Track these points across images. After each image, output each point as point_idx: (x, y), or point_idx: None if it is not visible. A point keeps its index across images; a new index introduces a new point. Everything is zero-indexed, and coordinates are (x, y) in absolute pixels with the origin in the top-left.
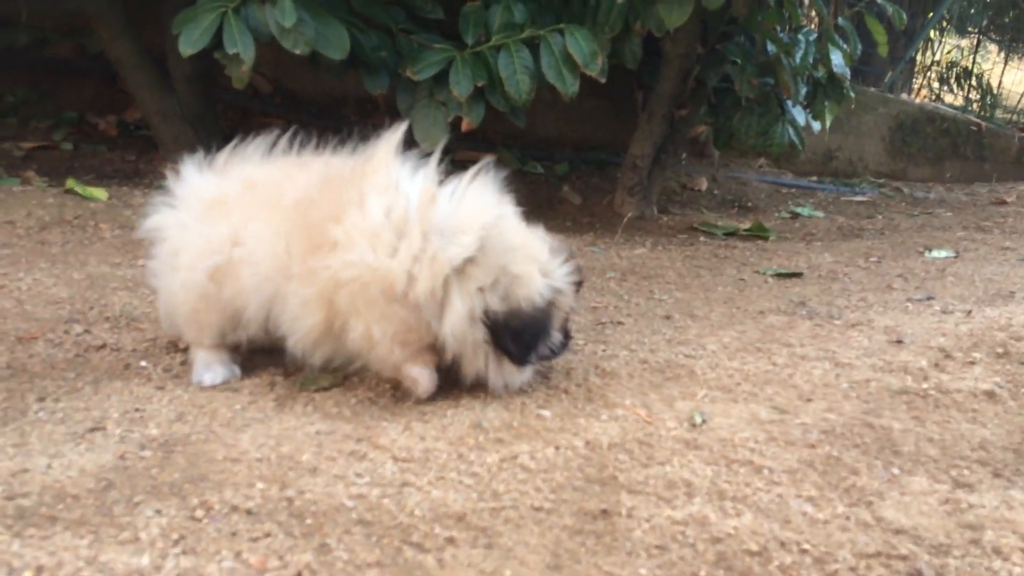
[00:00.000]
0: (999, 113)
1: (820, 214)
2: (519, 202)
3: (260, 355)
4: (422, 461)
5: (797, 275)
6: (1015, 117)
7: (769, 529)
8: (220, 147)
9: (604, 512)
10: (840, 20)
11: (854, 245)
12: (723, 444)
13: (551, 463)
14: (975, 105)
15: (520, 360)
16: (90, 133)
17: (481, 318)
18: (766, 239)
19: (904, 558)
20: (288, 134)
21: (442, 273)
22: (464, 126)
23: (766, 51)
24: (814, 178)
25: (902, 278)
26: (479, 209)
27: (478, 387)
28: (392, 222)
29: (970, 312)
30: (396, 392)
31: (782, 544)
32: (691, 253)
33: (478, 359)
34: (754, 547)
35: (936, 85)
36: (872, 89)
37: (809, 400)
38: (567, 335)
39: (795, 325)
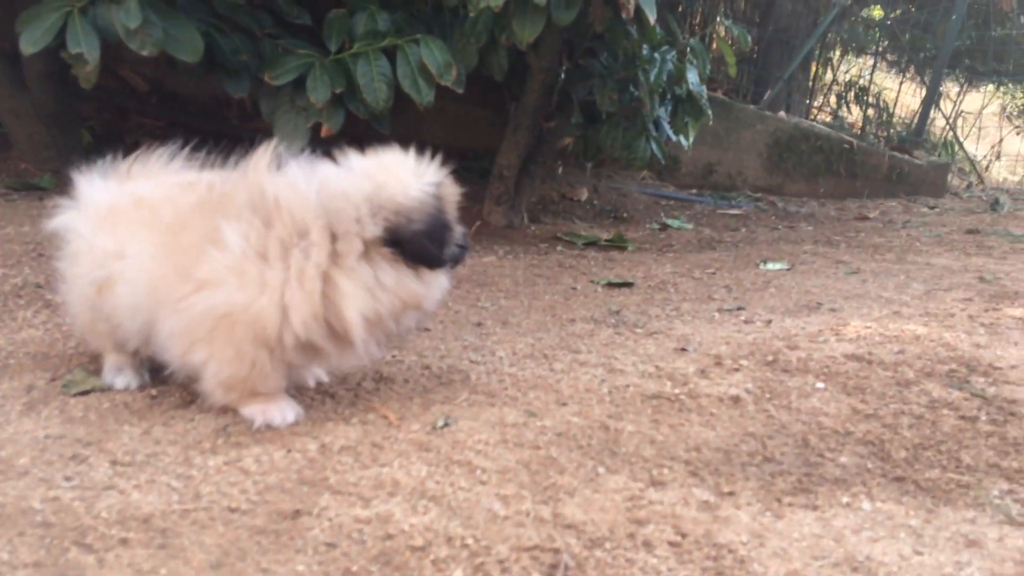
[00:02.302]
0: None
1: (689, 226)
2: None
3: (27, 358)
4: (142, 465)
5: (628, 285)
6: (904, 133)
7: (444, 526)
8: (77, 147)
9: (296, 512)
10: (692, 41)
11: (702, 256)
12: (453, 447)
13: (273, 466)
14: (872, 126)
15: (440, 259)
16: None
17: (383, 239)
18: (624, 249)
19: (556, 551)
20: (185, 146)
21: (317, 285)
22: (324, 132)
23: (629, 67)
24: (694, 191)
25: (727, 288)
26: (319, 186)
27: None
28: (253, 247)
29: (770, 322)
30: (155, 396)
31: (448, 539)
32: (537, 262)
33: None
34: (419, 542)
35: (834, 104)
36: (752, 107)
37: (564, 404)
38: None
39: (596, 333)
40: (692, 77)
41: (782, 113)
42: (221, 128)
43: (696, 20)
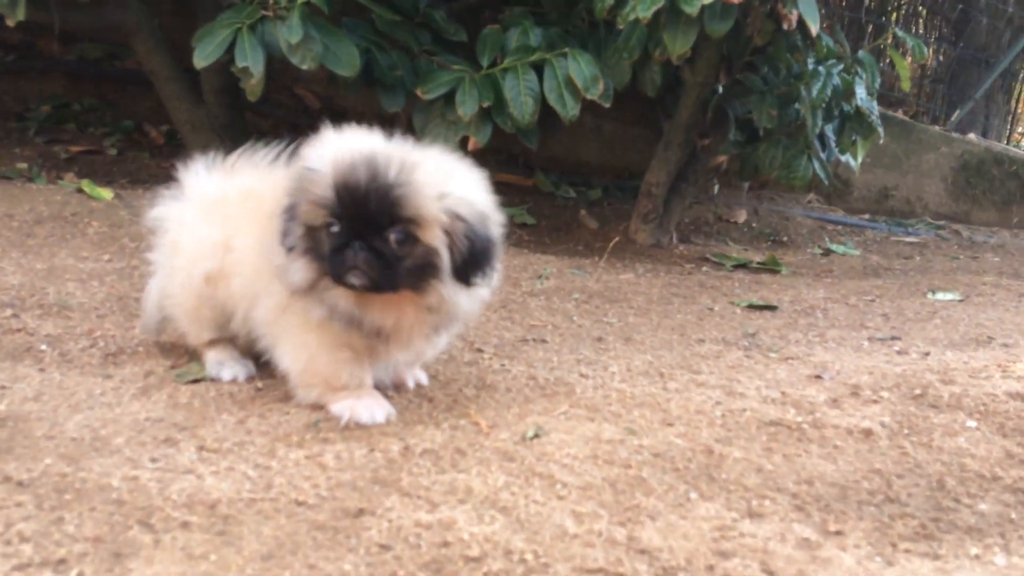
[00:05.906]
0: None
1: (856, 252)
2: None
3: (155, 346)
4: (226, 452)
5: (771, 308)
6: None
7: (507, 539)
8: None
9: (360, 511)
10: (860, 53)
11: (863, 283)
12: (539, 458)
13: (352, 463)
14: None
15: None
16: (139, 141)
17: None
18: (776, 273)
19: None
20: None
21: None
22: (470, 145)
23: (790, 82)
24: (866, 216)
25: (884, 317)
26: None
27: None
28: None
29: (928, 354)
30: (260, 388)
31: (507, 552)
32: (677, 282)
33: None
34: (475, 553)
35: None
36: (936, 128)
37: (669, 425)
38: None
39: (724, 355)
40: (860, 91)
41: (972, 135)
42: None
43: (870, 32)
